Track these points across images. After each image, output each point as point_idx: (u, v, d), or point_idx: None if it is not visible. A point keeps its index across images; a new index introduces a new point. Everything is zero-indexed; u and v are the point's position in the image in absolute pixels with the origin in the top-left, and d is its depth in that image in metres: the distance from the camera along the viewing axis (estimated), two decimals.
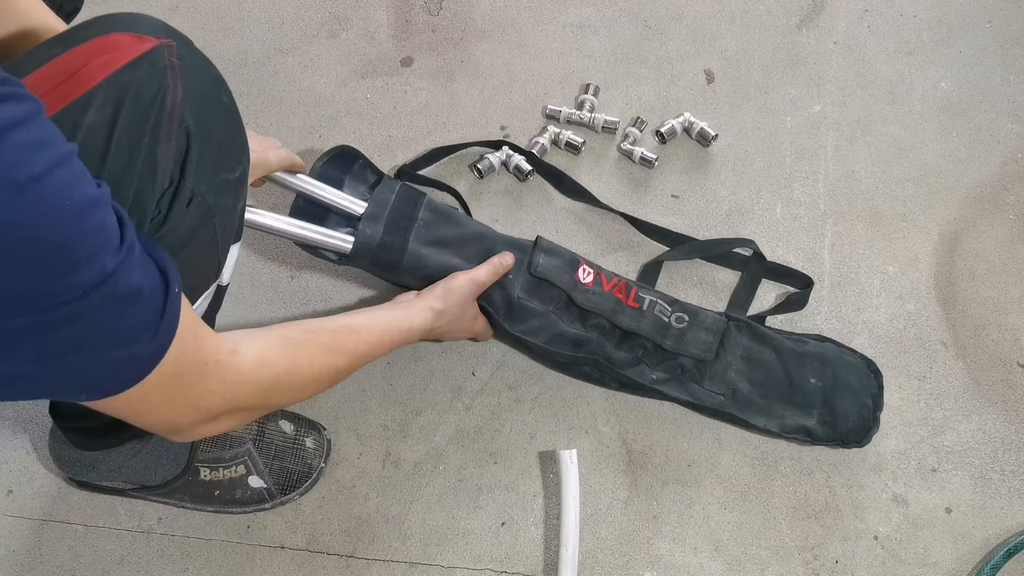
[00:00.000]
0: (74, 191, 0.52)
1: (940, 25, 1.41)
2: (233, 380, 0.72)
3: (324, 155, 1.13)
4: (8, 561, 1.09)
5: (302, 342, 0.82)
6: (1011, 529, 1.07)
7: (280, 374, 0.77)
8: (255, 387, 0.75)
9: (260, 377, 0.75)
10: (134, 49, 0.70)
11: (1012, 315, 1.19)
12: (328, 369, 0.84)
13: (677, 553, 1.07)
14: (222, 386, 0.71)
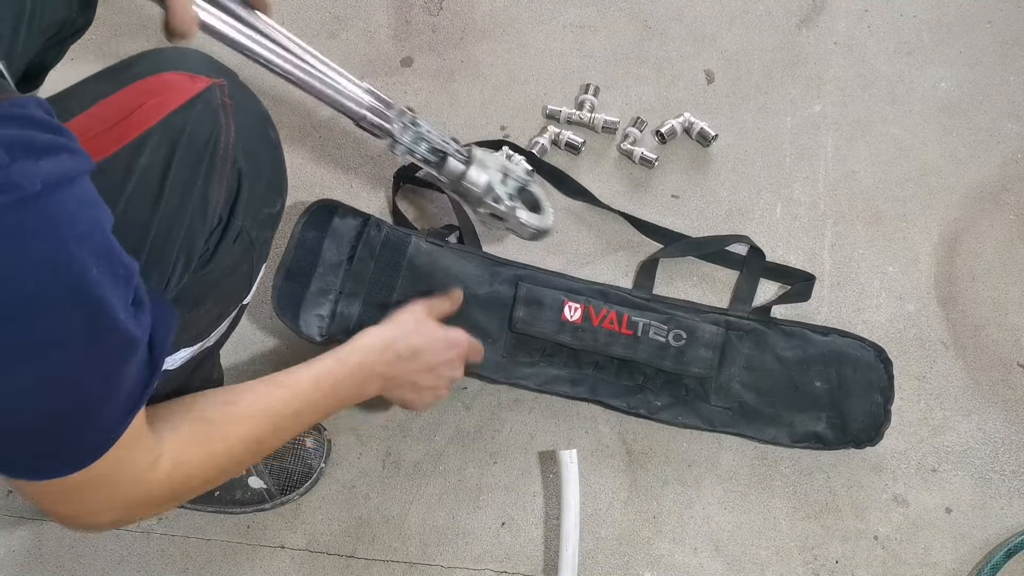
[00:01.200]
0: (84, 270, 0.51)
1: (940, 25, 1.41)
2: (147, 492, 0.67)
3: (301, 217, 1.14)
4: (8, 561, 1.09)
5: (219, 421, 0.75)
6: (1011, 529, 1.07)
7: (192, 473, 0.71)
8: (167, 492, 0.69)
9: (173, 482, 0.69)
10: (188, 89, 0.70)
11: (1012, 315, 1.19)
12: (251, 443, 0.77)
13: (677, 553, 1.07)
14: (131, 499, 0.66)
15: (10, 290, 0.47)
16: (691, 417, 1.11)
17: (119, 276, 0.53)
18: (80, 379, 0.54)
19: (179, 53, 0.73)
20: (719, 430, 1.11)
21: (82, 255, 0.50)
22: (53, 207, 0.47)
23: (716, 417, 1.10)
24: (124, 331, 0.54)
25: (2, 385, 0.50)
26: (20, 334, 0.49)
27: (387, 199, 1.27)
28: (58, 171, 0.48)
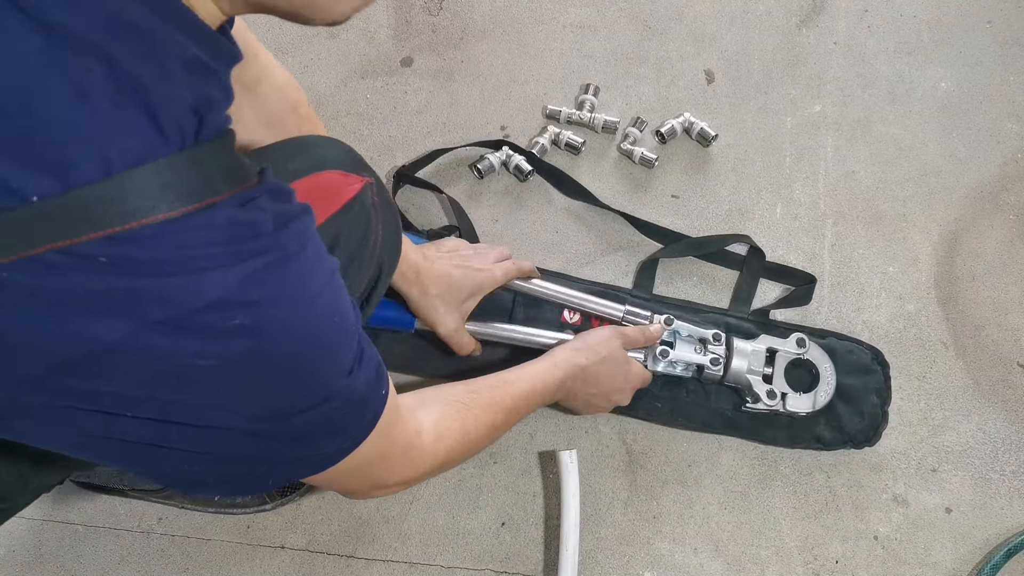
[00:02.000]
0: (340, 306, 0.56)
1: (940, 25, 1.41)
2: (417, 460, 0.75)
3: None
4: (8, 561, 1.09)
5: (468, 405, 0.83)
6: (1011, 529, 1.07)
7: (453, 446, 0.80)
8: (432, 461, 0.77)
9: (437, 452, 0.77)
10: (345, 191, 0.77)
11: (1012, 315, 1.19)
12: (488, 429, 0.85)
13: (677, 553, 1.07)
14: (406, 467, 0.74)
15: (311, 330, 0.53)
16: (691, 418, 1.11)
17: (349, 318, 0.59)
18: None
19: (331, 147, 0.80)
20: (719, 431, 1.11)
21: (338, 292, 0.56)
22: (308, 260, 0.52)
23: (716, 418, 1.10)
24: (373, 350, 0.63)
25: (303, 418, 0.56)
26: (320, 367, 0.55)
27: None
28: (306, 230, 0.53)
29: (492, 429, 0.86)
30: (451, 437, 0.79)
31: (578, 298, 1.13)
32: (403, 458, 0.73)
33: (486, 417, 0.85)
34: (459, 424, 0.81)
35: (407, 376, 1.16)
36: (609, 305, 1.12)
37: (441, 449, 0.78)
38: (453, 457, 0.80)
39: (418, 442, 0.75)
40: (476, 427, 0.83)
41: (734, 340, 1.08)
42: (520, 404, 0.90)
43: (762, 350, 1.08)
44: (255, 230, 0.48)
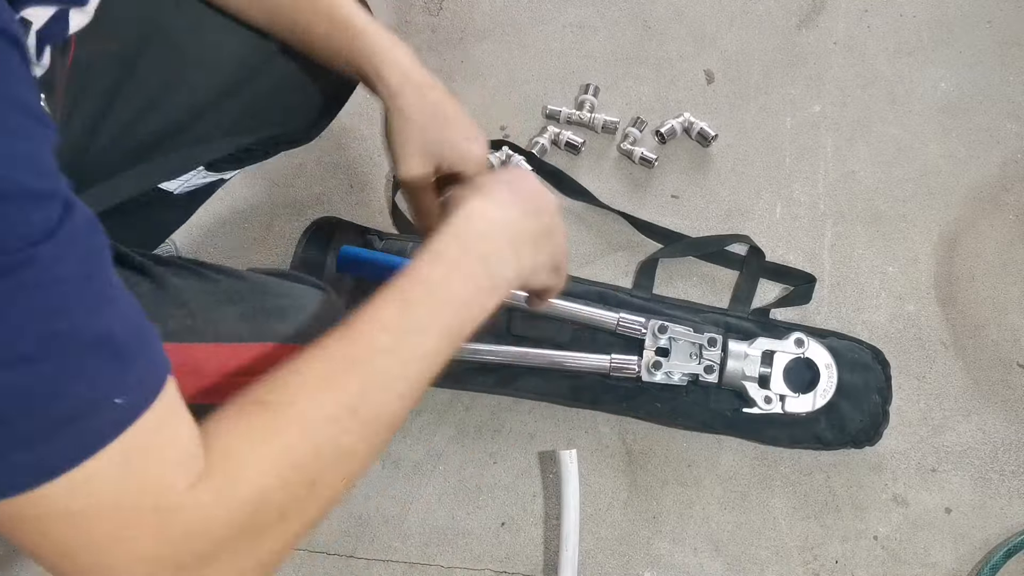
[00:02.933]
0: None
1: (940, 25, 1.41)
2: (187, 531, 0.44)
3: (301, 238, 1.18)
4: (8, 561, 1.09)
5: (284, 404, 0.49)
6: (1011, 529, 1.07)
7: (263, 484, 0.46)
8: (229, 530, 0.45)
9: (232, 508, 0.45)
10: None
11: (1012, 315, 1.19)
12: (338, 423, 0.51)
13: (677, 553, 1.07)
14: (167, 546, 0.43)
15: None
16: (691, 419, 1.11)
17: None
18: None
19: (324, 310, 0.65)
20: (719, 431, 1.11)
21: None
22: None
23: (716, 419, 1.10)
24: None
25: None
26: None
27: (387, 199, 1.28)
28: None
29: (350, 413, 0.50)
30: (256, 467, 0.46)
31: (569, 309, 1.13)
32: (155, 524, 0.42)
33: (330, 399, 0.50)
34: (267, 443, 0.47)
35: None
36: (601, 314, 1.12)
37: (240, 496, 0.45)
38: (277, 499, 0.47)
39: (186, 500, 0.43)
40: (307, 432, 0.49)
41: (730, 344, 1.08)
42: (397, 336, 0.54)
43: (758, 354, 1.08)
44: None
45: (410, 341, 0.55)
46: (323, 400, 0.50)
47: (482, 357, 1.11)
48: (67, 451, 0.40)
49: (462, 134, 0.77)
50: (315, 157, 1.31)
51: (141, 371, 0.43)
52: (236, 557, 0.46)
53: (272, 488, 0.46)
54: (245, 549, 0.46)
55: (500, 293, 0.60)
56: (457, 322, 0.57)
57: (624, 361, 1.09)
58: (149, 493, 0.42)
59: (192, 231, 1.25)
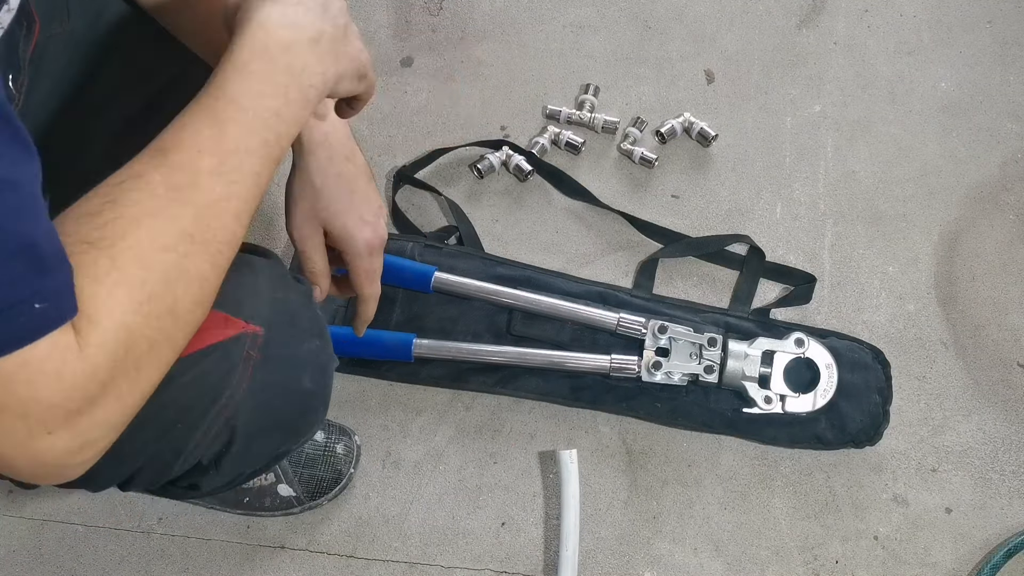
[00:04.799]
0: None
1: (940, 25, 1.41)
2: (77, 378, 0.48)
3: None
4: (8, 561, 1.09)
5: (116, 238, 0.49)
6: (1011, 529, 1.07)
7: (128, 321, 0.49)
8: (111, 370, 0.49)
9: (109, 352, 0.49)
10: (213, 334, 0.64)
11: (1012, 315, 1.19)
12: (178, 251, 0.51)
13: (677, 553, 1.07)
14: (60, 393, 0.47)
15: None
16: (691, 418, 1.11)
17: None
18: None
19: (248, 279, 0.67)
20: (719, 431, 1.11)
21: None
22: None
23: (716, 418, 1.10)
24: None
25: None
26: None
27: (387, 199, 1.28)
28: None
29: (190, 241, 0.52)
30: (117, 309, 0.48)
31: (569, 309, 1.13)
32: (53, 375, 0.46)
33: (160, 232, 0.50)
34: (121, 284, 0.49)
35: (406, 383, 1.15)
36: (601, 314, 1.12)
37: (111, 339, 0.48)
38: (145, 329, 0.50)
39: (75, 361, 0.47)
40: (147, 265, 0.50)
41: (730, 344, 1.08)
42: (215, 166, 0.53)
43: (758, 354, 1.08)
44: None
45: (232, 161, 0.54)
46: (156, 232, 0.50)
47: (482, 357, 1.11)
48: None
49: (358, 213, 0.77)
50: None
51: (61, 286, 0.46)
52: (121, 392, 0.50)
53: (136, 324, 0.49)
54: (127, 384, 0.50)
55: (311, 104, 0.59)
56: (274, 136, 0.57)
57: (624, 361, 1.09)
58: (46, 370, 0.46)
59: None
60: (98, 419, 0.50)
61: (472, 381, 1.12)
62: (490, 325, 1.15)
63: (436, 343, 1.11)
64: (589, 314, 1.12)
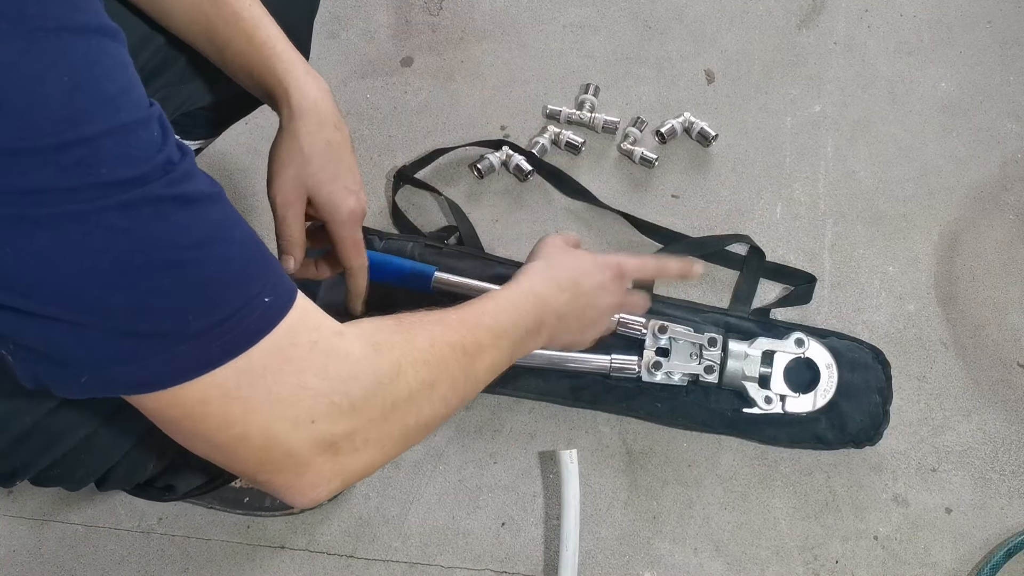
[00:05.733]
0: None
1: (940, 25, 1.41)
2: (343, 372, 0.53)
3: None
4: (8, 561, 1.09)
5: (412, 321, 0.62)
6: (1011, 529, 1.07)
7: (401, 361, 0.57)
8: (374, 384, 0.54)
9: (379, 368, 0.55)
10: None
11: (1012, 315, 1.19)
12: (454, 350, 0.63)
13: (677, 553, 1.07)
14: (326, 381, 0.51)
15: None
16: (691, 419, 1.11)
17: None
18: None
19: None
20: (719, 431, 1.11)
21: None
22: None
23: (716, 418, 1.10)
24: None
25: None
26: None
27: (387, 199, 1.28)
28: None
29: (463, 353, 0.63)
30: (393, 349, 0.57)
31: None
32: (318, 364, 0.51)
33: (449, 334, 0.63)
34: (405, 337, 0.59)
35: None
36: None
37: (384, 366, 0.55)
38: (408, 386, 0.57)
39: (340, 344, 0.53)
40: (433, 345, 0.61)
41: (731, 344, 1.08)
42: (491, 325, 0.68)
43: (758, 354, 1.08)
44: None
45: (506, 344, 0.71)
46: (454, 337, 0.63)
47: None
48: (230, 342, 0.47)
49: (344, 182, 0.79)
50: None
51: (278, 274, 0.50)
52: (373, 417, 0.54)
53: (406, 368, 0.57)
54: (380, 413, 0.55)
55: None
56: (509, 357, 0.73)
57: (624, 361, 1.09)
58: (302, 344, 0.50)
59: None
60: (360, 457, 0.55)
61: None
62: None
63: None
64: None
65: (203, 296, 0.45)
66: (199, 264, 0.45)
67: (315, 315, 0.53)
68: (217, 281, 0.46)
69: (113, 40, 0.44)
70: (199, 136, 0.94)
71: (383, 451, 0.56)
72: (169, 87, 0.79)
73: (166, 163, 0.44)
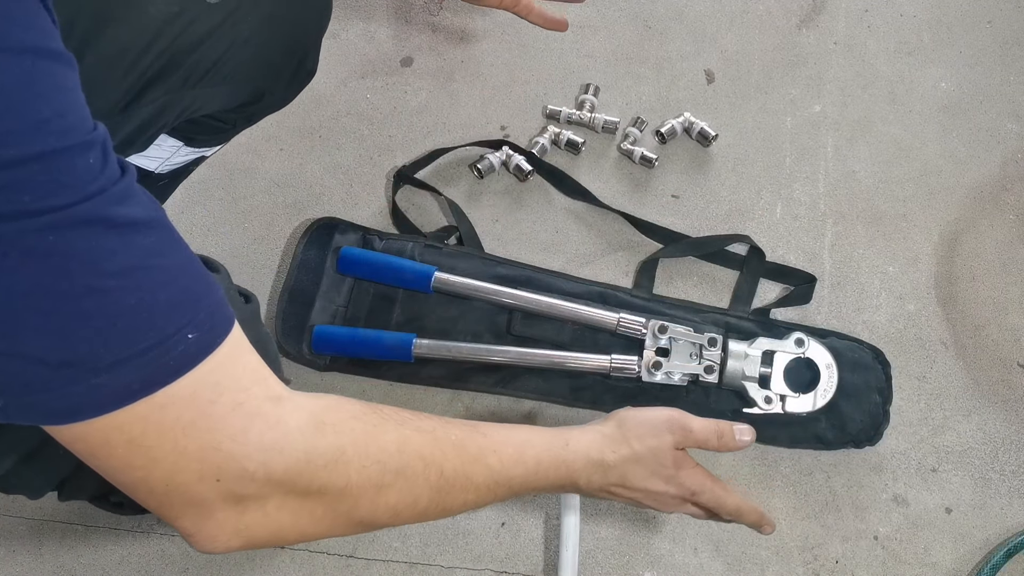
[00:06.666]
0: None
1: (940, 25, 1.41)
2: (266, 441, 0.49)
3: (302, 238, 1.17)
4: (8, 561, 1.09)
5: (391, 417, 0.59)
6: (1011, 529, 1.07)
7: (346, 449, 0.53)
8: (301, 462, 0.50)
9: (313, 447, 0.51)
10: None
11: (1012, 315, 1.19)
12: (427, 467, 0.58)
13: (677, 553, 1.07)
14: (243, 447, 0.48)
15: None
16: None
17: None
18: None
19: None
20: None
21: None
22: None
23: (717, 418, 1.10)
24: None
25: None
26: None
27: (387, 199, 1.28)
28: None
29: (439, 475, 0.58)
30: (344, 436, 0.53)
31: (569, 309, 1.12)
32: (239, 424, 0.48)
33: (430, 449, 0.58)
34: (363, 429, 0.55)
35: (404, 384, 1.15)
36: (601, 314, 1.12)
37: (323, 446, 0.51)
38: (350, 472, 0.53)
39: (272, 411, 0.50)
40: (400, 449, 0.56)
41: (730, 344, 1.08)
42: (491, 461, 0.63)
43: (758, 354, 1.08)
44: None
45: (508, 476, 0.64)
46: (430, 449, 0.58)
47: (482, 357, 1.11)
48: (147, 378, 0.44)
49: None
50: (315, 157, 1.31)
51: (210, 311, 0.47)
52: (293, 493, 0.51)
53: (352, 458, 0.52)
54: (302, 492, 0.51)
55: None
56: (510, 491, 0.66)
57: (624, 361, 1.09)
58: (224, 403, 0.47)
59: (193, 231, 1.25)
60: (272, 521, 0.51)
61: (472, 381, 1.12)
62: (490, 325, 1.15)
63: (436, 343, 1.11)
64: (589, 314, 1.12)
65: (120, 327, 0.43)
66: (120, 293, 0.43)
67: (251, 373, 0.50)
68: (137, 312, 0.43)
69: (57, 63, 0.43)
70: (203, 143, 0.95)
71: (298, 529, 0.53)
72: (171, 93, 0.79)
73: (99, 192, 0.42)
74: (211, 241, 1.24)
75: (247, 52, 0.83)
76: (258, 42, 0.83)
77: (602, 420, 0.77)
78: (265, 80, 0.89)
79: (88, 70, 0.73)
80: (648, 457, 0.74)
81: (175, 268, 0.46)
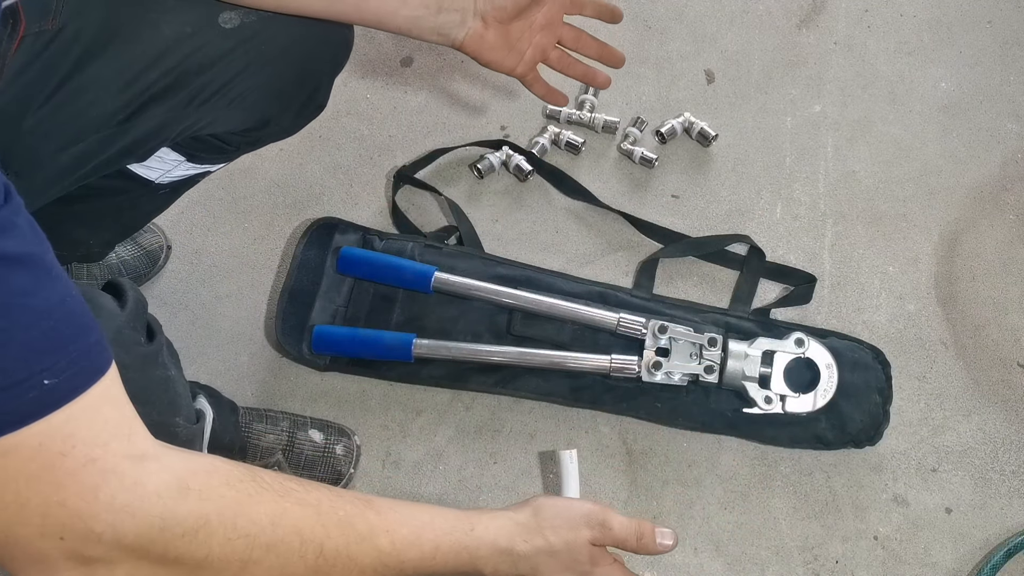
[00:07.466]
0: None
1: (940, 25, 1.41)
2: (118, 502, 0.46)
3: (302, 238, 1.17)
4: None
5: (271, 487, 0.53)
6: (1011, 529, 1.07)
7: (211, 518, 0.49)
8: (155, 528, 0.47)
9: (172, 513, 0.47)
10: None
11: (1012, 315, 1.19)
12: (303, 545, 0.53)
13: (677, 553, 1.07)
14: (91, 505, 0.45)
15: None
16: (691, 419, 1.11)
17: None
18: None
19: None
20: (719, 431, 1.11)
21: None
22: None
23: (716, 419, 1.10)
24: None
25: None
26: None
27: (387, 199, 1.28)
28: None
29: (317, 555, 0.53)
30: (209, 504, 0.49)
31: (569, 309, 1.13)
32: (90, 481, 0.45)
33: (310, 525, 0.53)
34: (238, 496, 0.50)
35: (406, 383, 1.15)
36: (601, 314, 1.12)
37: (184, 511, 0.48)
38: (210, 545, 0.49)
39: (130, 470, 0.46)
40: (273, 524, 0.51)
41: (731, 344, 1.08)
42: (384, 548, 0.57)
43: (758, 354, 1.08)
44: None
45: (380, 552, 0.58)
46: (309, 525, 0.53)
47: (482, 357, 1.11)
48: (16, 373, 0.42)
49: None
50: (315, 157, 1.31)
51: (74, 357, 0.45)
52: (145, 559, 0.47)
53: (216, 529, 0.49)
54: (155, 559, 0.47)
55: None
56: (444, 569, 0.63)
57: (624, 361, 1.09)
58: (76, 457, 0.44)
59: (193, 231, 1.25)
60: (117, 573, 0.47)
61: (472, 381, 1.12)
62: (490, 325, 1.15)
63: (436, 343, 1.11)
64: (589, 314, 1.12)
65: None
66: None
67: (113, 427, 0.47)
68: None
69: None
70: (205, 161, 0.96)
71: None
72: (175, 110, 0.80)
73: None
74: (211, 241, 1.24)
75: (257, 80, 0.83)
76: (271, 72, 0.84)
77: (517, 506, 0.71)
78: (273, 109, 0.90)
79: (90, 79, 0.74)
80: (563, 551, 0.69)
81: (42, 310, 0.43)
